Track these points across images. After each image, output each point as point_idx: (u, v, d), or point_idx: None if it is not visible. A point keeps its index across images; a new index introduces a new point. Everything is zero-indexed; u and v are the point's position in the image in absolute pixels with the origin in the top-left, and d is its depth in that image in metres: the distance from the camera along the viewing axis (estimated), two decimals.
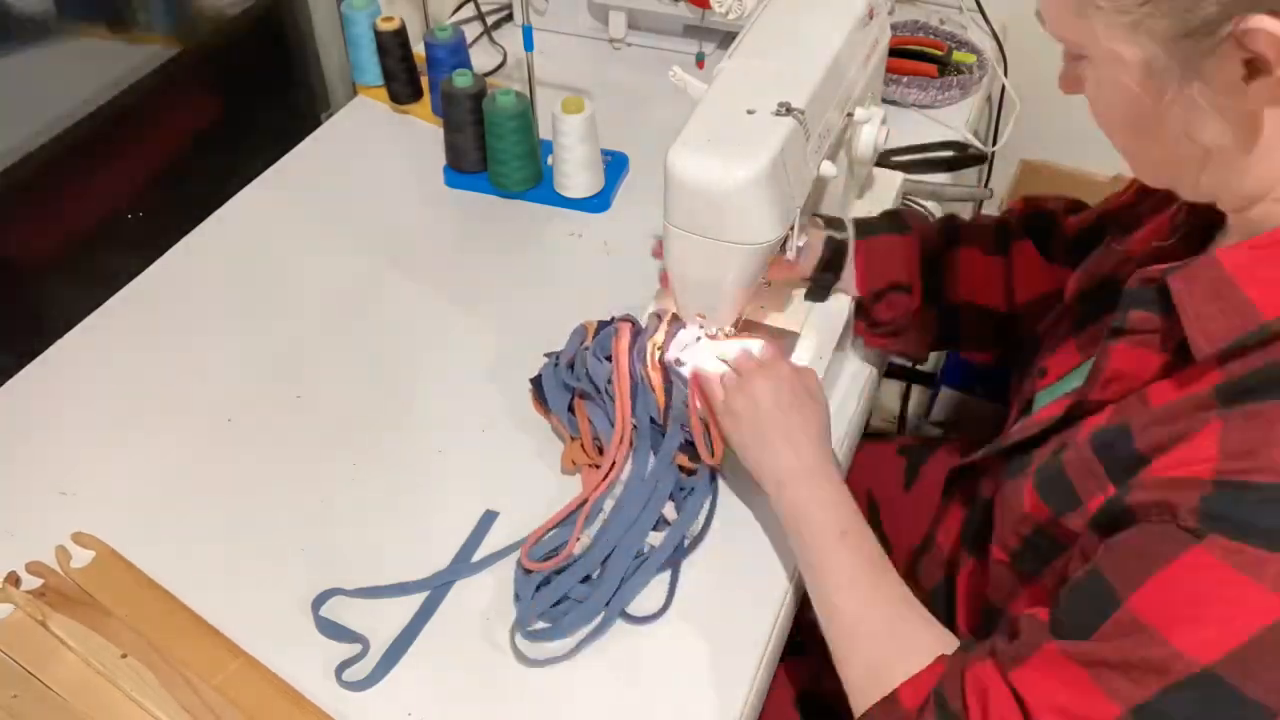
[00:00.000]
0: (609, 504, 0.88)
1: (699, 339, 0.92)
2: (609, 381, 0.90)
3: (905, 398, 1.77)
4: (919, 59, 1.38)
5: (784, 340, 0.95)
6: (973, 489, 0.88)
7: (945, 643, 0.72)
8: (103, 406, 1.00)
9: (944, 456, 1.12)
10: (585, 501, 0.87)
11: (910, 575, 0.96)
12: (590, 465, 0.91)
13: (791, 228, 0.84)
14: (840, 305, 0.97)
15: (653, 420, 0.89)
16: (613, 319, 0.96)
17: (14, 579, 0.85)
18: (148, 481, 0.94)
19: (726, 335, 0.93)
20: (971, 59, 1.39)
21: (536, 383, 0.95)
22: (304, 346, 1.04)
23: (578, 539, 0.85)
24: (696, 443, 0.88)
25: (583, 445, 0.91)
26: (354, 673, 0.79)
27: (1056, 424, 0.72)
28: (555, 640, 0.81)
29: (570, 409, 0.92)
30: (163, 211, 1.23)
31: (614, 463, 0.88)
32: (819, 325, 0.95)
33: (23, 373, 1.04)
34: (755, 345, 0.91)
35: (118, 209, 1.21)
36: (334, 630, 0.82)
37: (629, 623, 0.83)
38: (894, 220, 1.00)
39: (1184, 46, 0.56)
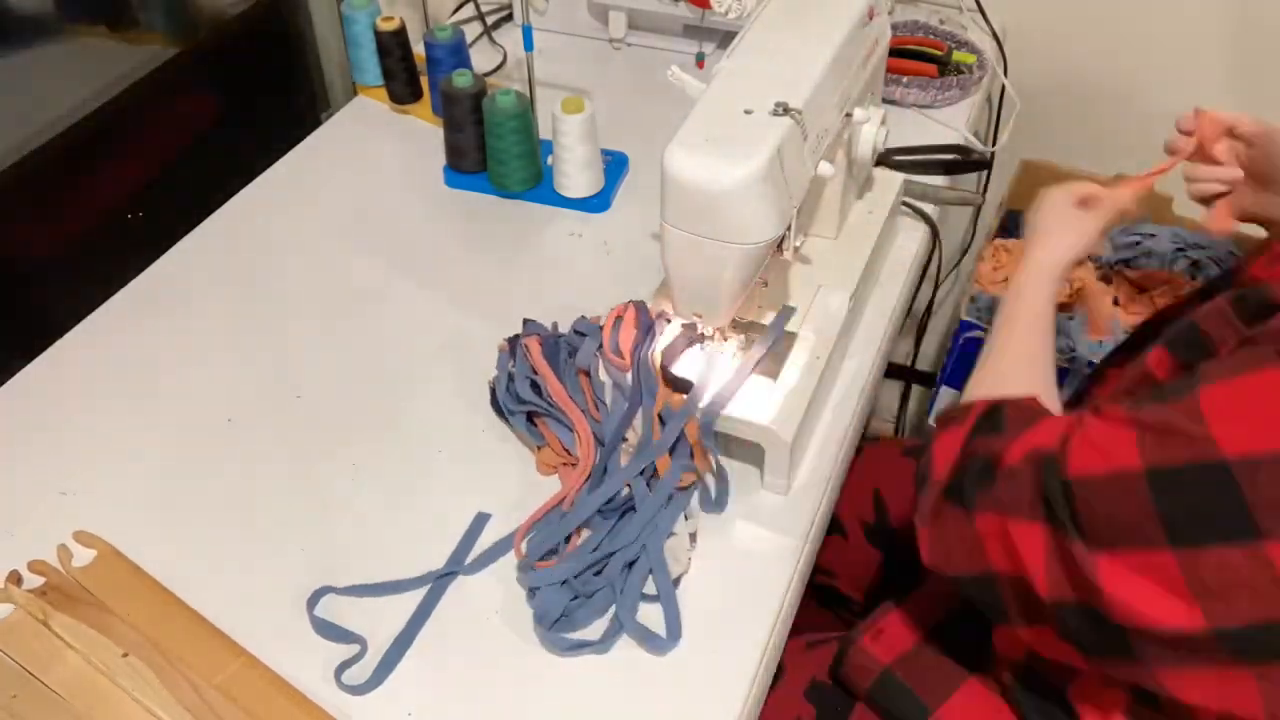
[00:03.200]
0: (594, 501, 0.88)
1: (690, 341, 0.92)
2: (549, 397, 0.93)
3: (905, 398, 1.77)
4: (919, 59, 1.38)
5: (786, 340, 0.95)
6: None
7: (1053, 403, 0.78)
8: (103, 406, 1.01)
9: None
10: (564, 498, 0.88)
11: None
12: (566, 464, 0.91)
13: (789, 227, 0.84)
14: (839, 305, 0.97)
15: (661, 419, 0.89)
16: (519, 335, 0.98)
17: (15, 578, 0.85)
18: (148, 481, 0.94)
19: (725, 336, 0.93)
20: (971, 59, 1.39)
21: (496, 406, 0.95)
22: (304, 346, 1.04)
23: (578, 534, 0.85)
24: (696, 458, 0.88)
25: (552, 449, 0.92)
26: (353, 675, 0.79)
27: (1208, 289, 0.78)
28: (573, 633, 0.82)
29: (531, 422, 0.94)
30: (163, 211, 1.23)
31: (588, 460, 0.89)
32: (816, 325, 0.95)
33: (23, 373, 1.04)
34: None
35: (118, 209, 1.21)
36: (330, 630, 0.82)
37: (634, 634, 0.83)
38: None
39: None
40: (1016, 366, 0.83)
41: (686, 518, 0.88)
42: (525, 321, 1.00)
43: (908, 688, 0.89)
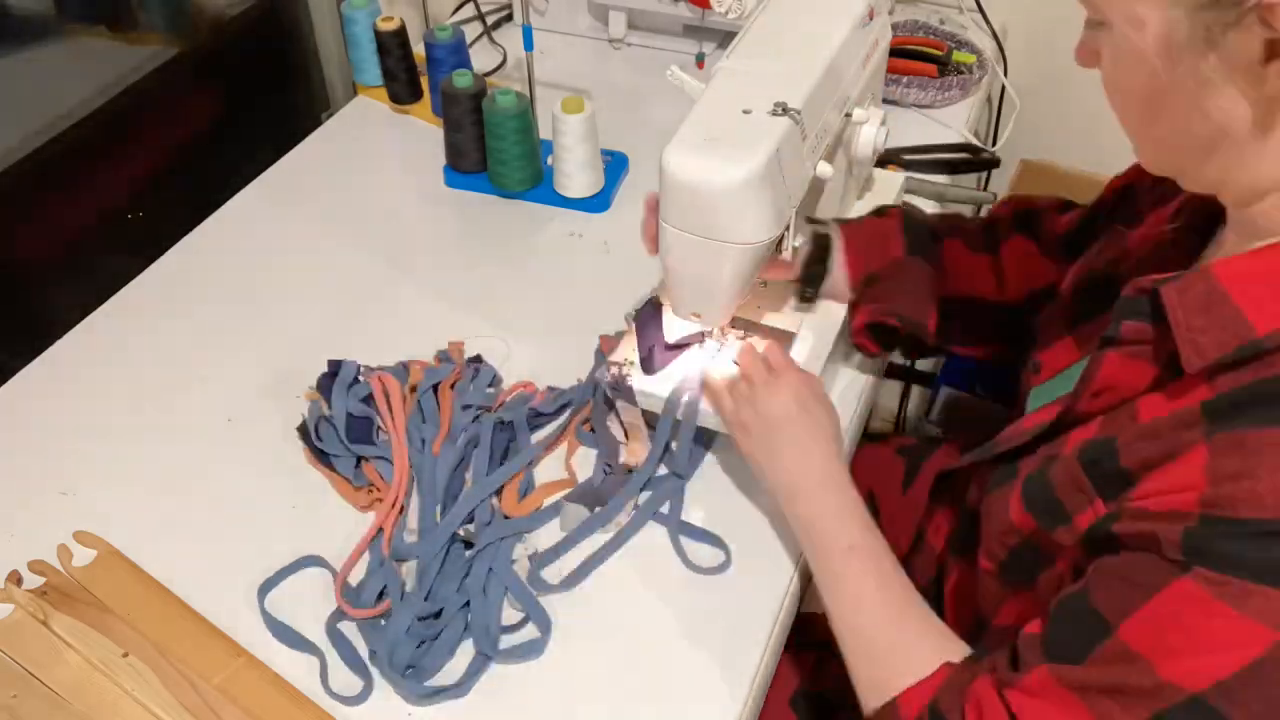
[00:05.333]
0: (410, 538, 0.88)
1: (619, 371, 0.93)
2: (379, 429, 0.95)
3: (904, 398, 1.77)
4: (919, 59, 1.38)
5: (784, 340, 0.95)
6: (961, 492, 0.88)
7: (951, 650, 0.72)
8: (103, 406, 1.01)
9: (941, 457, 1.12)
10: (381, 531, 0.88)
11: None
12: (377, 500, 0.91)
13: (787, 227, 0.84)
14: (837, 305, 0.97)
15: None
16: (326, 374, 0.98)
17: (16, 578, 0.85)
18: (148, 481, 0.94)
19: (728, 337, 0.93)
20: (971, 59, 1.39)
21: (322, 455, 0.94)
22: (304, 346, 1.04)
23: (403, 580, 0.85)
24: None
25: (366, 489, 0.92)
26: (345, 687, 0.79)
27: (1043, 434, 0.72)
28: (428, 681, 0.79)
29: (357, 465, 0.93)
30: (163, 211, 1.23)
31: (397, 496, 0.89)
32: (816, 325, 0.95)
33: (23, 373, 1.04)
34: (761, 349, 0.90)
35: (118, 209, 1.21)
36: (286, 634, 0.82)
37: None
38: (875, 210, 0.99)
39: (1207, 16, 0.55)
40: (868, 633, 0.74)
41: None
42: (330, 362, 1.00)
43: None
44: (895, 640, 0.73)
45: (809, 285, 0.97)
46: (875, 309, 0.94)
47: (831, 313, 0.96)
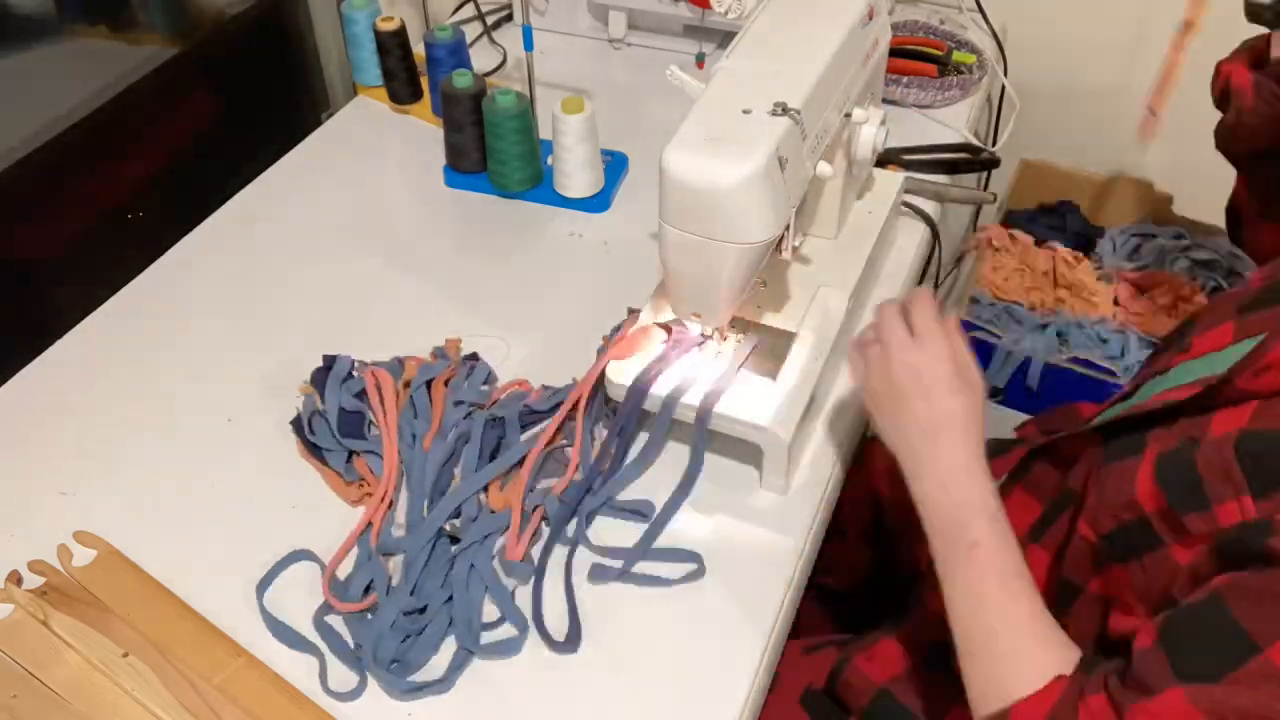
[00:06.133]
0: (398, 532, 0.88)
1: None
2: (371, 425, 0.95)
3: None
4: (919, 59, 1.38)
5: (784, 340, 0.95)
6: (1042, 480, 0.85)
7: (1066, 660, 0.68)
8: (103, 406, 1.01)
9: None
10: (370, 525, 0.88)
11: (930, 572, 0.95)
12: (367, 494, 0.91)
13: (787, 227, 0.84)
14: (838, 305, 0.97)
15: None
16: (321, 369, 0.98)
17: (16, 578, 0.85)
18: (148, 481, 0.94)
19: (724, 336, 0.93)
20: (971, 59, 1.39)
21: (315, 449, 0.95)
22: (304, 346, 1.04)
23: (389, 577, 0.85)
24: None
25: (357, 483, 0.92)
26: (342, 683, 0.80)
27: (1184, 406, 0.68)
28: (411, 676, 0.79)
29: (348, 460, 0.94)
30: (163, 211, 1.23)
31: (386, 490, 0.89)
32: (816, 325, 0.95)
33: (23, 373, 1.04)
34: (927, 305, 0.81)
35: (118, 209, 1.21)
36: (285, 634, 0.82)
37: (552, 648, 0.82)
38: None
39: None
40: (985, 635, 0.70)
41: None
42: (325, 356, 1.00)
43: (905, 707, 0.89)
44: (1014, 645, 0.69)
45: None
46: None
47: (832, 312, 0.96)
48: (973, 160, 1.28)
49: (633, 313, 0.99)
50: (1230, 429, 0.64)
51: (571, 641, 0.82)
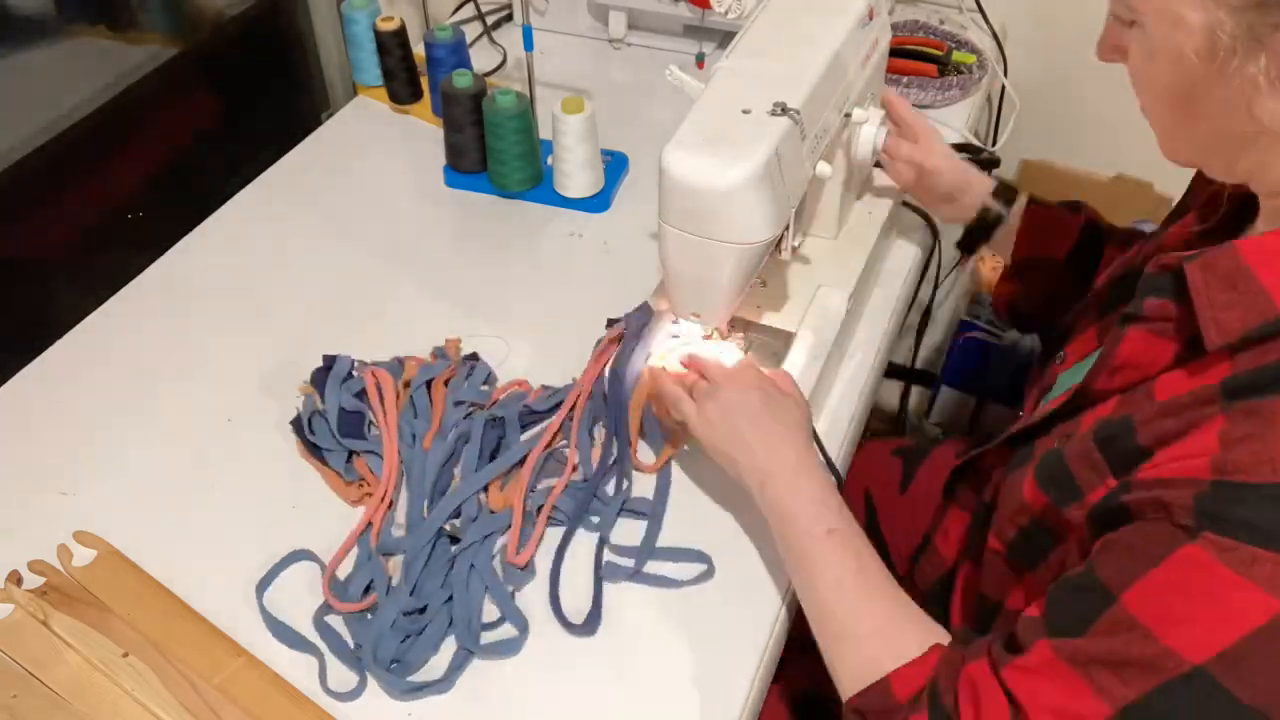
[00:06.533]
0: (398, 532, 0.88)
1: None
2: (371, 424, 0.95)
3: (904, 398, 1.77)
4: (919, 59, 1.38)
5: (784, 340, 0.95)
6: (975, 491, 0.88)
7: (937, 634, 0.71)
8: (103, 406, 1.01)
9: (940, 458, 1.12)
10: (370, 525, 0.88)
11: (908, 577, 0.96)
12: (367, 494, 0.91)
13: (787, 227, 0.84)
14: (838, 305, 0.97)
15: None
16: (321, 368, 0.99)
17: (16, 578, 0.85)
18: (148, 481, 0.94)
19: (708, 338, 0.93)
20: (971, 59, 1.39)
21: (315, 449, 0.95)
22: (304, 346, 1.04)
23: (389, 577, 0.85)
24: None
25: (357, 483, 0.93)
26: (342, 683, 0.80)
27: (1060, 412, 0.71)
28: (411, 676, 0.80)
29: (348, 460, 0.94)
30: (163, 211, 1.23)
31: (386, 490, 0.90)
32: (815, 325, 0.95)
33: (23, 373, 1.04)
34: (725, 352, 0.90)
35: (118, 208, 1.21)
36: (285, 634, 0.82)
37: (571, 632, 0.83)
38: (1070, 205, 1.02)
39: (1252, 16, 0.54)
40: (850, 617, 0.73)
41: None
42: (325, 356, 1.00)
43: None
44: (879, 623, 0.72)
45: (980, 232, 1.03)
46: (1021, 295, 1.01)
47: (831, 311, 0.96)
48: (973, 160, 1.27)
49: (612, 323, 0.99)
50: (1093, 423, 0.67)
51: (590, 625, 0.82)
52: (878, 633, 0.72)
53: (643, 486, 0.92)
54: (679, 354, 0.91)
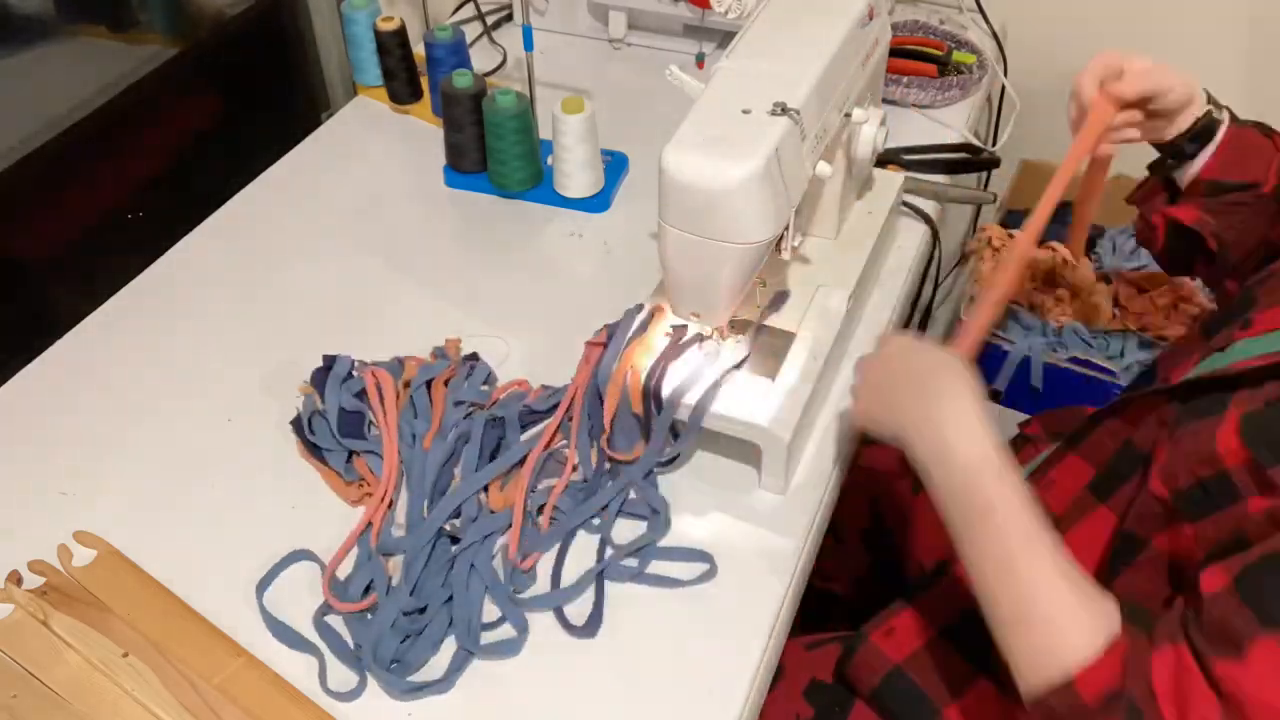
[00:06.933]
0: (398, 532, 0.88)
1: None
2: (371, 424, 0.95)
3: None
4: (919, 59, 1.38)
5: (781, 340, 0.95)
6: (1098, 444, 0.85)
7: (1107, 612, 0.66)
8: (102, 406, 1.01)
9: None
10: (370, 525, 0.88)
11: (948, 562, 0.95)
12: (367, 494, 0.91)
13: (787, 227, 0.84)
14: (838, 305, 0.97)
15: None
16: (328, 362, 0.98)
17: (16, 578, 0.85)
18: (148, 481, 0.94)
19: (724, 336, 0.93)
20: (971, 59, 1.39)
21: (315, 449, 0.95)
22: (304, 346, 1.04)
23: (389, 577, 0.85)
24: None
25: (357, 483, 0.93)
26: (342, 683, 0.80)
27: (1268, 370, 0.68)
28: (411, 676, 0.79)
29: (349, 460, 0.94)
30: (163, 211, 1.23)
31: (386, 490, 0.90)
32: (815, 325, 0.95)
33: (23, 373, 1.04)
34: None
35: (118, 209, 1.21)
36: (285, 634, 0.82)
37: (573, 635, 0.83)
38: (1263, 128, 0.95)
39: None
40: (1019, 600, 0.68)
41: None
42: (325, 356, 1.00)
43: (917, 686, 0.89)
44: (1052, 606, 0.66)
45: (1174, 156, 0.94)
46: (1204, 220, 0.92)
47: (832, 311, 0.96)
48: (973, 160, 1.28)
49: (604, 328, 0.99)
50: None
51: (591, 626, 0.82)
52: (1050, 620, 0.66)
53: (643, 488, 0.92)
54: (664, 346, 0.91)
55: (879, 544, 1.13)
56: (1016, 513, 0.69)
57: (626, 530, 0.89)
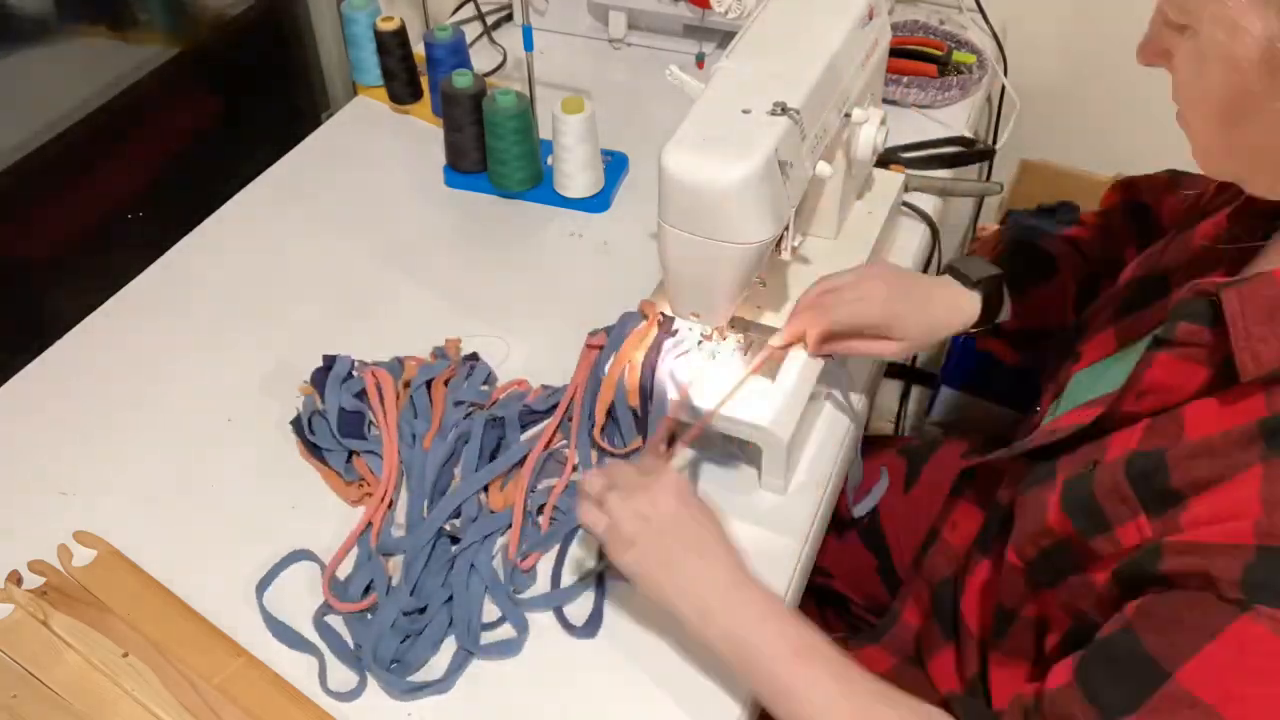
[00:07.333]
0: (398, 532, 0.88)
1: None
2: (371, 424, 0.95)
3: (904, 398, 1.77)
4: (919, 59, 1.38)
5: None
6: (987, 489, 0.87)
7: (935, 714, 0.67)
8: (102, 406, 1.01)
9: (945, 457, 1.12)
10: (370, 525, 0.88)
11: (915, 567, 0.96)
12: (367, 494, 0.91)
13: (787, 227, 0.84)
14: None
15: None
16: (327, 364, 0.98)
17: (16, 578, 0.85)
18: (148, 481, 0.94)
19: (723, 337, 0.93)
20: (971, 59, 1.39)
21: (315, 449, 0.95)
22: (303, 346, 1.04)
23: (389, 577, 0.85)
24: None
25: (357, 483, 0.92)
26: (342, 683, 0.80)
27: (1085, 433, 0.70)
28: (411, 676, 0.79)
29: (349, 460, 0.94)
30: (163, 211, 1.23)
31: (386, 490, 0.89)
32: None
33: (23, 373, 1.04)
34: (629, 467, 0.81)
35: (118, 208, 1.21)
36: (285, 634, 0.82)
37: (572, 635, 0.83)
38: (1035, 264, 0.93)
39: None
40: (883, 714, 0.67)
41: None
42: (325, 356, 1.00)
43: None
44: None
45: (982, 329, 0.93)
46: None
47: None
48: (968, 153, 1.28)
49: (595, 333, 0.99)
50: (1122, 452, 0.65)
51: (591, 626, 0.82)
52: None
53: None
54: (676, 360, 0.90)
55: (878, 540, 1.13)
56: (823, 651, 0.69)
57: None
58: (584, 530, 0.81)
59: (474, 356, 1.02)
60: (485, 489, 0.91)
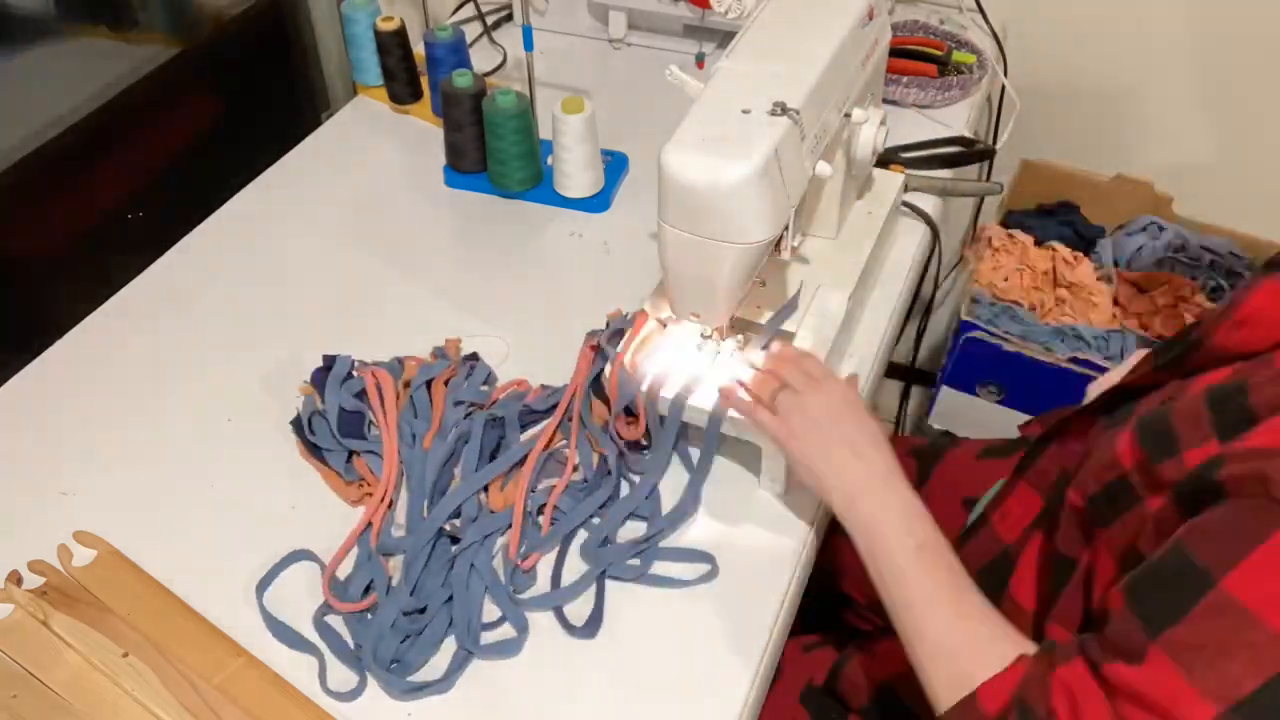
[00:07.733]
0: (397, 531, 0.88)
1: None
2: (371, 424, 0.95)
3: (905, 398, 1.77)
4: (919, 59, 1.38)
5: (784, 340, 0.95)
6: (1046, 471, 0.86)
7: (1025, 645, 0.69)
8: (103, 406, 1.01)
9: (957, 457, 1.11)
10: (370, 525, 0.88)
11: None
12: (367, 494, 0.91)
13: (787, 227, 0.84)
14: (838, 305, 0.97)
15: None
16: (320, 369, 0.98)
17: (16, 578, 0.85)
18: (148, 481, 0.94)
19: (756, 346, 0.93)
20: (971, 59, 1.39)
21: (315, 449, 0.95)
22: (304, 346, 1.04)
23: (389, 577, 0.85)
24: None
25: (357, 483, 0.93)
26: (342, 683, 0.80)
27: (1169, 369, 0.68)
28: (411, 676, 0.80)
29: (349, 460, 0.94)
30: (163, 211, 1.23)
31: (386, 490, 0.90)
32: (815, 325, 0.95)
33: (23, 373, 1.04)
34: (803, 356, 0.87)
35: (118, 209, 1.21)
36: (285, 634, 0.82)
37: (573, 635, 0.83)
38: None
39: None
40: (944, 635, 0.70)
41: None
42: (325, 356, 1.00)
43: (906, 705, 0.89)
44: (971, 636, 0.70)
45: None
46: None
47: (831, 312, 0.96)
48: (968, 153, 1.28)
49: (592, 333, 0.99)
50: (1206, 384, 0.65)
51: (591, 626, 0.82)
52: (968, 646, 0.69)
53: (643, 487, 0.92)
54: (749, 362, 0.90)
55: None
56: (944, 551, 0.74)
57: (627, 530, 0.89)
58: (754, 427, 0.85)
59: (474, 356, 1.03)
60: (485, 489, 0.91)
